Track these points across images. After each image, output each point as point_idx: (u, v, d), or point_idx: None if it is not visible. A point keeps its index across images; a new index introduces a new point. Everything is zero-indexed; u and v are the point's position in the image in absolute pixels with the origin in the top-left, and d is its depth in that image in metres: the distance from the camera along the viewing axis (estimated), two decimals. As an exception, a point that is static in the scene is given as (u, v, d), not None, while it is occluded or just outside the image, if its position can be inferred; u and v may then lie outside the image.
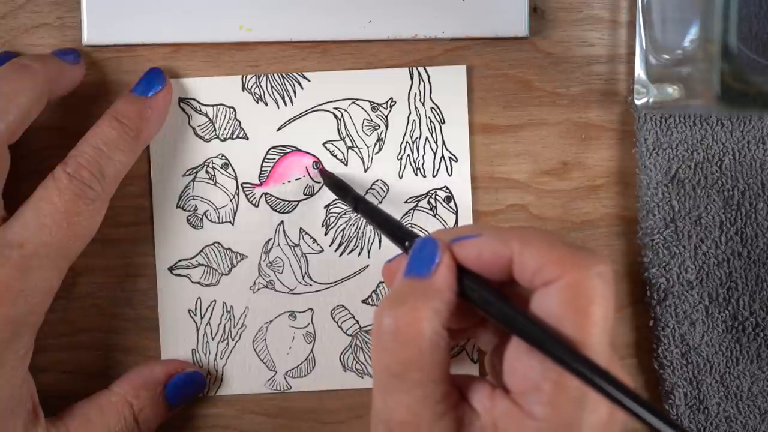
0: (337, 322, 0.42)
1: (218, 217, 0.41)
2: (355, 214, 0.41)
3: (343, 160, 0.41)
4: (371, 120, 0.41)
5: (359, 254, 0.41)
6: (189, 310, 0.41)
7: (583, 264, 0.28)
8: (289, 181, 0.41)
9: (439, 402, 0.29)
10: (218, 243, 0.41)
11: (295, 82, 0.41)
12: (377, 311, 0.30)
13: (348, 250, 0.41)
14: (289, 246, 0.41)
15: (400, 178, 0.41)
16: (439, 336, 0.29)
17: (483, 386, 0.31)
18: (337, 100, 0.41)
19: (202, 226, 0.41)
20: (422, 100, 0.41)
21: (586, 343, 0.28)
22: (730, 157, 0.41)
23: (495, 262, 0.30)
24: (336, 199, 0.41)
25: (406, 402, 0.29)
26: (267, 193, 0.41)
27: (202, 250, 0.41)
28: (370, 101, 0.41)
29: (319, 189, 0.41)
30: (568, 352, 0.27)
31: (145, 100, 0.39)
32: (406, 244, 0.34)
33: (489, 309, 0.30)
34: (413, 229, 0.41)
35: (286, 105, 0.41)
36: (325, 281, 0.42)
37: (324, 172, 0.41)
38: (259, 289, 0.41)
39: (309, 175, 0.41)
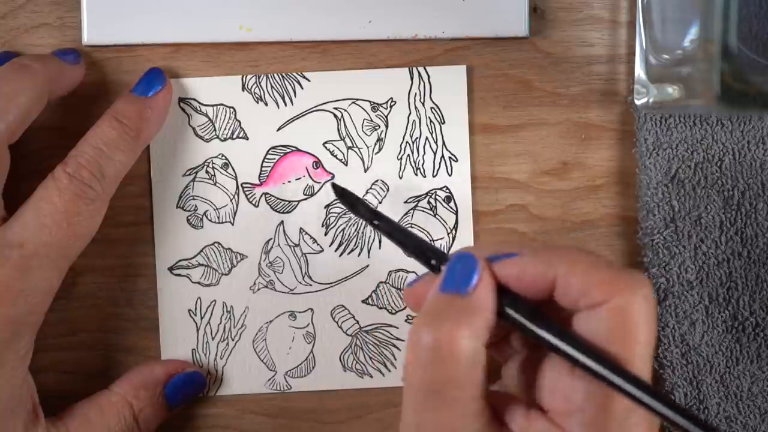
0: (337, 322, 0.42)
1: (218, 217, 0.41)
2: (362, 221, 0.40)
3: (343, 160, 0.41)
4: (371, 120, 0.41)
5: (359, 254, 0.41)
6: (189, 310, 0.41)
7: (629, 287, 0.28)
8: (289, 181, 0.41)
9: (475, 420, 0.29)
10: (218, 243, 0.41)
11: (295, 82, 0.41)
12: (414, 327, 0.30)
13: (348, 250, 0.42)
14: (289, 246, 0.41)
15: (400, 178, 0.41)
16: (479, 354, 0.29)
17: (518, 405, 0.30)
18: (337, 100, 0.41)
19: (202, 226, 0.41)
20: (422, 100, 0.41)
21: (632, 365, 0.28)
22: (730, 157, 0.41)
23: (536, 283, 0.30)
24: (336, 199, 0.41)
25: (444, 419, 0.29)
26: (267, 193, 0.41)
27: (202, 250, 0.41)
28: (370, 101, 0.41)
29: (319, 189, 0.41)
30: (621, 374, 0.27)
31: (145, 100, 0.39)
32: (433, 262, 0.33)
33: (531, 331, 0.30)
34: (412, 230, 0.41)
35: (286, 105, 0.41)
36: (325, 281, 0.42)
37: (336, 187, 0.38)
38: (259, 289, 0.41)
39: (309, 175, 0.41)
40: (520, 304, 0.30)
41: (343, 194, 0.38)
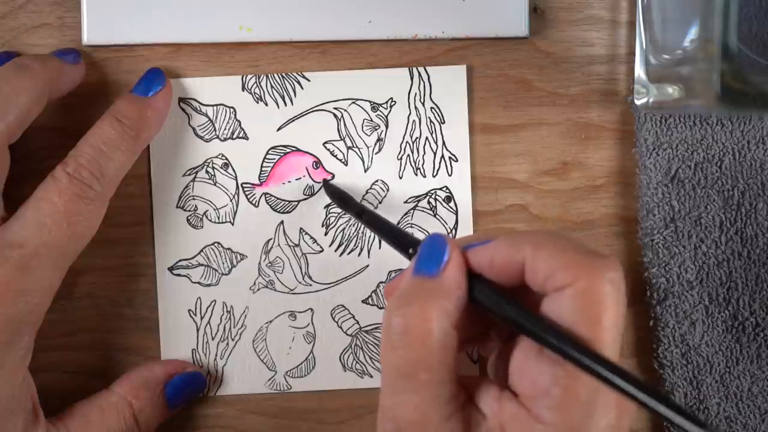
0: (337, 322, 0.42)
1: (218, 217, 0.41)
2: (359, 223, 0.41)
3: (343, 160, 0.41)
4: (371, 120, 0.41)
5: (359, 254, 0.41)
6: (189, 310, 0.41)
7: (595, 270, 0.28)
8: (289, 181, 0.41)
9: (447, 403, 0.29)
10: (218, 243, 0.41)
11: (295, 82, 0.41)
12: (386, 310, 0.30)
13: (348, 250, 0.42)
14: (289, 246, 0.41)
15: (400, 178, 0.41)
16: (449, 336, 0.29)
17: (490, 388, 0.31)
18: (337, 100, 0.41)
19: (202, 226, 0.41)
20: (422, 100, 0.41)
21: (598, 347, 0.28)
22: (730, 157, 0.41)
23: (507, 268, 0.30)
24: (336, 199, 0.41)
25: (415, 402, 0.29)
26: (267, 193, 0.41)
27: (202, 250, 0.41)
28: (370, 101, 0.41)
29: (319, 189, 0.41)
30: (584, 352, 0.27)
31: (145, 100, 0.39)
32: (411, 251, 0.34)
33: (500, 311, 0.30)
34: (412, 230, 0.41)
35: (286, 105, 0.41)
36: (325, 281, 0.42)
37: (326, 184, 0.41)
38: (259, 289, 0.41)
39: (309, 175, 0.41)
40: (488, 287, 0.30)
41: (335, 193, 0.40)
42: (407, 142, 0.41)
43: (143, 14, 0.40)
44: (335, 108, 0.41)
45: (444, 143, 0.41)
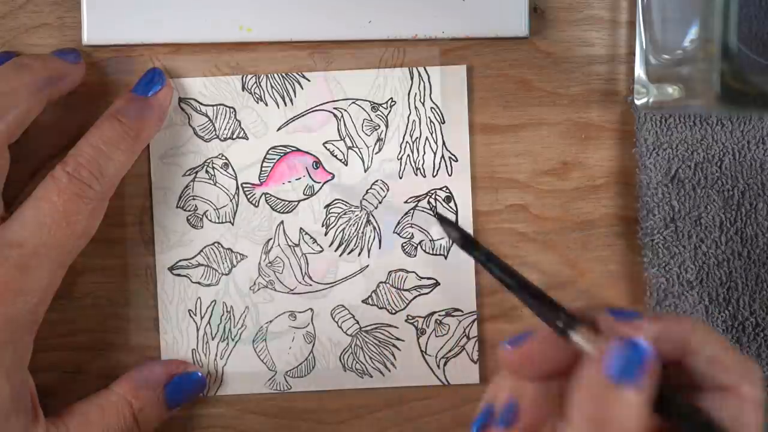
0: (337, 322, 0.42)
1: (218, 217, 0.41)
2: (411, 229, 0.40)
3: (343, 160, 0.41)
4: (371, 120, 0.41)
5: (359, 254, 0.41)
6: (189, 310, 0.41)
7: (755, 376, 0.28)
8: (289, 181, 0.41)
9: None
10: (218, 243, 0.41)
11: (295, 82, 0.41)
12: (584, 419, 0.27)
13: (348, 250, 0.41)
14: (289, 246, 0.41)
15: (400, 178, 0.41)
16: None
17: None
18: (337, 100, 0.41)
19: (202, 226, 0.41)
20: (422, 100, 0.41)
21: None
22: (730, 157, 0.41)
23: (671, 350, 0.29)
24: (336, 199, 0.41)
25: None
26: (267, 193, 0.41)
27: (202, 250, 0.41)
28: (370, 101, 0.41)
29: (319, 189, 0.41)
30: None
31: (145, 100, 0.39)
32: (560, 323, 0.29)
33: (687, 424, 0.29)
34: (412, 230, 0.41)
35: (286, 105, 0.41)
36: (325, 281, 0.42)
37: (441, 219, 0.31)
38: (259, 289, 0.41)
39: (309, 175, 0.41)
40: (681, 399, 0.29)
41: (457, 230, 0.31)
42: (407, 142, 0.41)
43: (143, 14, 0.40)
44: (335, 108, 0.41)
45: (444, 143, 0.41)
